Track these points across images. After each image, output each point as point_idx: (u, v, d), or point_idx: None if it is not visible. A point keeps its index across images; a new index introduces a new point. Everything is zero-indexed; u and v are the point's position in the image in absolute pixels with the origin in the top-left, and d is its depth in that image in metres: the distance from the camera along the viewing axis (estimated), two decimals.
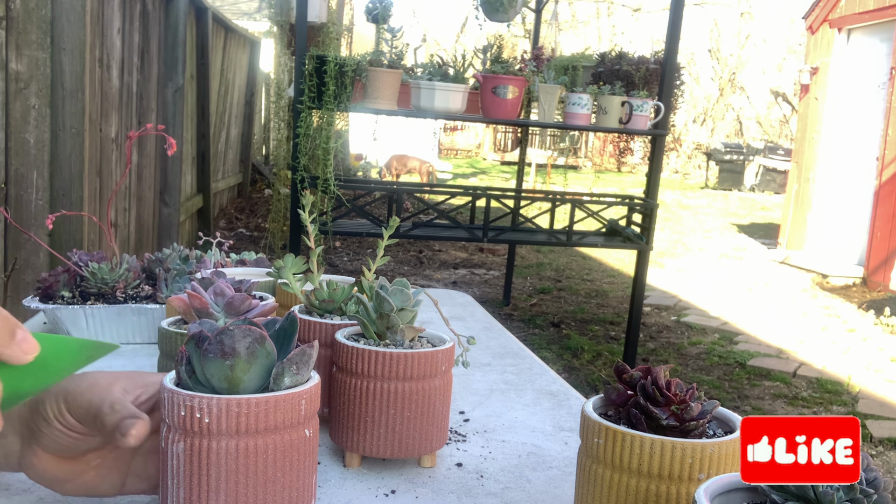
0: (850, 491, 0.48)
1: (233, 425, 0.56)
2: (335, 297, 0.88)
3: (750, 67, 18.30)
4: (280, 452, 0.59)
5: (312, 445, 0.62)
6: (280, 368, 0.59)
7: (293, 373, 0.60)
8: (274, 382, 0.60)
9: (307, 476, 0.61)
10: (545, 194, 4.09)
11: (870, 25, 7.10)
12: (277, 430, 0.58)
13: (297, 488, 0.60)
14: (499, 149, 17.72)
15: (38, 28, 2.55)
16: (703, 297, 5.92)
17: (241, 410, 0.56)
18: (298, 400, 0.59)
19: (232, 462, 0.57)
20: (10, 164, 2.58)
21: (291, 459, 0.59)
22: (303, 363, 0.60)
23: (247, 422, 0.56)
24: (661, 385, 0.62)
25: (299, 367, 0.60)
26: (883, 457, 3.19)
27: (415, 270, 6.13)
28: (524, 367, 1.20)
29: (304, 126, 3.01)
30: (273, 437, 0.58)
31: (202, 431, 0.56)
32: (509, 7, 3.57)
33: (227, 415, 0.56)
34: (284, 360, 0.60)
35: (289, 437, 0.59)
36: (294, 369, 0.60)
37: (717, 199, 12.59)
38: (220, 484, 0.57)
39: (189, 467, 0.57)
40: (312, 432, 0.62)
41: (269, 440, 0.58)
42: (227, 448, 0.57)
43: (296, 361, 0.60)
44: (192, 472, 0.57)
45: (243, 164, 8.60)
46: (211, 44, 5.90)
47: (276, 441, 0.58)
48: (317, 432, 0.63)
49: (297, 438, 0.60)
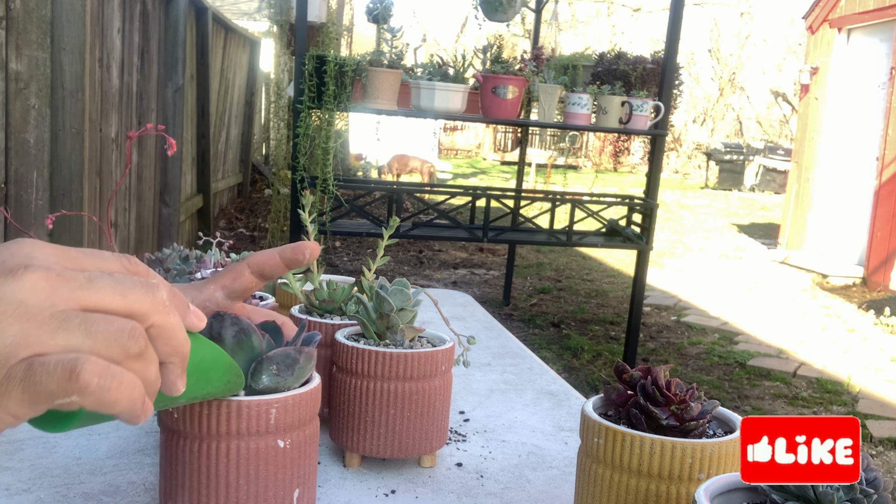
0: (850, 491, 0.48)
1: (195, 425, 0.56)
2: (335, 297, 0.88)
3: (750, 67, 18.31)
4: (244, 460, 0.57)
5: (291, 458, 0.59)
6: (258, 365, 0.57)
7: (272, 373, 0.57)
8: (251, 378, 0.57)
9: (281, 489, 0.59)
10: (545, 194, 4.08)
11: (870, 25, 7.10)
12: (241, 436, 0.56)
13: (266, 499, 0.58)
14: (499, 149, 17.72)
15: (38, 28, 2.55)
16: (703, 297, 5.92)
17: (202, 411, 0.56)
18: (266, 408, 0.57)
19: (195, 461, 0.57)
20: (10, 164, 2.58)
21: (258, 469, 0.57)
22: (285, 366, 0.57)
23: (208, 423, 0.56)
24: (661, 385, 0.62)
25: (280, 369, 0.57)
26: (883, 457, 3.19)
27: (415, 270, 6.13)
28: (524, 367, 1.19)
29: (303, 126, 3.01)
30: (237, 443, 0.57)
31: (172, 427, 0.58)
32: (508, 7, 3.57)
33: (191, 414, 0.56)
34: (263, 357, 0.57)
35: (255, 445, 0.57)
36: (274, 369, 0.57)
37: (717, 199, 12.59)
38: (185, 481, 0.58)
39: (163, 461, 0.58)
40: (291, 444, 0.59)
41: (233, 445, 0.57)
42: (191, 447, 0.57)
43: (276, 361, 0.57)
44: (164, 466, 0.59)
45: (243, 164, 8.60)
46: (211, 44, 5.90)
47: (239, 447, 0.57)
48: (304, 444, 0.60)
49: (264, 448, 0.57)
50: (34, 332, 0.34)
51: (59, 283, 0.36)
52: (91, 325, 0.35)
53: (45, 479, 0.73)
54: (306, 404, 0.59)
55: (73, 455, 0.78)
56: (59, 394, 0.33)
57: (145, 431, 0.85)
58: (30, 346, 0.34)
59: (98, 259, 0.39)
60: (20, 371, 0.33)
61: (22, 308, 0.34)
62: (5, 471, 0.74)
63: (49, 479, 0.73)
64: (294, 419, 0.58)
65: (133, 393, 0.35)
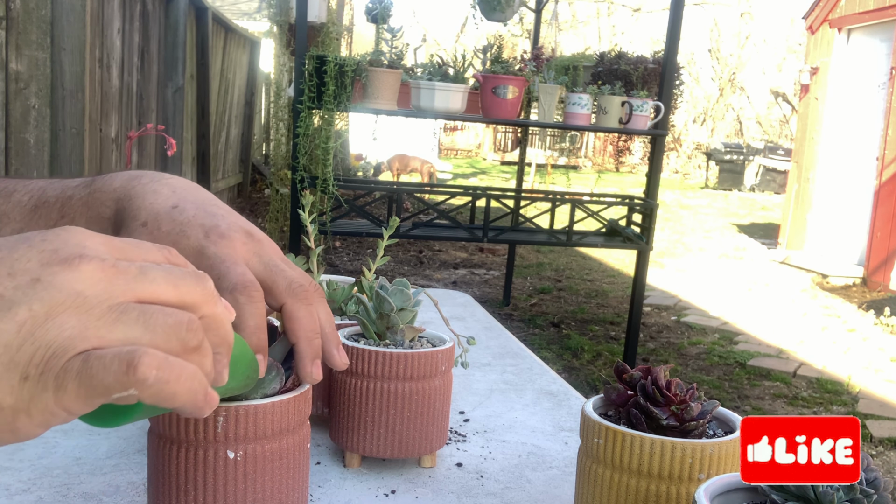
0: (850, 491, 0.48)
1: (182, 431, 0.56)
2: (335, 297, 0.88)
3: (750, 67, 18.31)
4: (187, 463, 0.55)
5: (241, 472, 0.56)
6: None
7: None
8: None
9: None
10: (545, 194, 4.09)
11: (870, 25, 7.10)
12: (181, 441, 0.55)
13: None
14: (499, 149, 17.72)
15: (38, 28, 2.55)
16: (703, 297, 5.92)
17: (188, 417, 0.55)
18: (214, 416, 0.54)
19: (152, 457, 0.58)
20: (10, 164, 2.58)
21: (196, 476, 0.55)
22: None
23: (195, 429, 0.55)
24: (661, 385, 0.62)
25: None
26: (883, 457, 3.19)
27: (415, 270, 6.13)
28: (524, 367, 1.19)
29: (303, 126, 3.01)
30: (176, 447, 0.56)
31: (158, 432, 0.58)
32: (506, 6, 3.57)
33: (178, 419, 0.56)
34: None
35: (194, 453, 0.55)
36: None
37: (717, 199, 12.59)
38: (152, 476, 0.58)
39: (151, 467, 0.59)
40: (243, 456, 0.55)
41: (175, 448, 0.56)
42: (152, 444, 0.58)
43: None
44: (151, 472, 0.59)
45: (243, 164, 8.61)
46: (211, 44, 5.90)
47: (178, 452, 0.55)
48: (264, 459, 0.56)
49: (210, 456, 0.55)
50: (93, 325, 0.33)
51: (115, 274, 0.35)
52: (150, 317, 0.34)
53: (45, 479, 0.73)
54: (263, 417, 0.56)
55: (73, 455, 0.78)
56: (117, 387, 0.32)
57: (145, 431, 0.85)
58: (88, 340, 0.33)
59: (143, 250, 0.38)
60: (76, 364, 0.32)
61: (80, 299, 0.33)
62: (5, 471, 0.74)
63: (49, 479, 0.73)
64: (240, 431, 0.55)
65: (193, 384, 0.35)
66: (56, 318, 0.33)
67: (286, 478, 0.58)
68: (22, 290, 0.32)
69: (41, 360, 0.32)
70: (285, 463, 0.58)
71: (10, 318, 0.32)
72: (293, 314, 0.51)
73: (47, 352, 0.32)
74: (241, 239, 0.53)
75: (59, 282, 0.33)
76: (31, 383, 0.32)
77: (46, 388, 0.32)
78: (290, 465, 0.58)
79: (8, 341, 0.32)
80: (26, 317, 0.32)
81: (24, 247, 0.34)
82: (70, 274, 0.34)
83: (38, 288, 0.33)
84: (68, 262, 0.34)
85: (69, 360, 0.32)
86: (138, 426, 0.86)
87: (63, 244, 0.35)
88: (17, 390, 0.32)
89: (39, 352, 0.32)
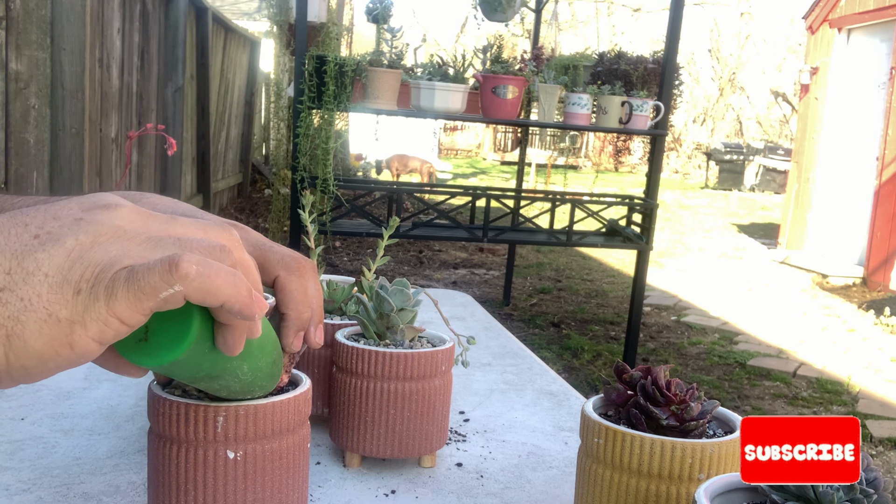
0: (850, 491, 0.48)
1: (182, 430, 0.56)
2: (335, 297, 0.88)
3: (750, 67, 18.31)
4: (186, 463, 0.55)
5: (241, 472, 0.56)
6: None
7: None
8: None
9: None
10: (545, 194, 4.08)
11: (870, 25, 7.10)
12: (181, 441, 0.55)
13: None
14: (499, 149, 17.72)
15: (38, 28, 2.55)
16: (703, 297, 5.92)
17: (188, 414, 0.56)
18: (214, 415, 0.54)
19: (152, 457, 0.58)
20: (10, 164, 2.58)
21: (196, 476, 0.55)
22: None
23: (195, 428, 0.55)
24: (661, 385, 0.62)
25: None
26: (883, 457, 3.19)
27: (415, 270, 6.13)
28: (524, 367, 1.19)
29: (304, 126, 3.01)
30: (176, 447, 0.55)
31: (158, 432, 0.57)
32: (508, 7, 3.57)
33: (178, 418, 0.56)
34: None
35: (194, 452, 0.55)
36: None
37: (717, 199, 12.59)
38: (152, 476, 0.59)
39: (151, 467, 0.59)
40: (243, 456, 0.55)
41: (175, 448, 0.56)
42: (152, 443, 0.58)
43: None
44: (151, 472, 0.59)
45: (243, 164, 8.61)
46: (211, 44, 5.90)
47: (178, 452, 0.55)
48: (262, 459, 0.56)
49: (210, 456, 0.55)
50: (135, 249, 0.37)
51: (149, 216, 0.40)
52: (185, 242, 0.38)
53: (45, 479, 0.73)
54: (263, 417, 0.55)
55: (73, 455, 0.78)
56: (162, 286, 0.35)
57: (145, 431, 0.85)
58: (131, 258, 0.37)
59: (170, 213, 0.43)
60: (124, 274, 0.36)
61: (121, 231, 0.38)
62: (5, 471, 0.74)
63: (49, 479, 0.73)
64: (247, 432, 0.55)
65: (235, 279, 0.38)
66: (101, 245, 0.37)
67: (286, 478, 0.58)
68: (68, 226, 0.37)
69: (91, 276, 0.36)
70: (285, 463, 0.58)
71: (60, 246, 0.36)
72: (285, 286, 0.52)
73: (96, 268, 0.36)
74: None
75: (101, 219, 0.38)
76: (83, 296, 0.36)
77: (98, 297, 0.36)
78: (290, 465, 0.58)
79: (59, 264, 0.36)
80: (74, 244, 0.36)
81: (65, 201, 0.39)
82: (110, 213, 0.38)
83: (82, 224, 0.37)
84: (107, 206, 0.39)
85: (117, 272, 0.36)
86: (138, 426, 0.86)
87: (101, 198, 0.40)
88: (72, 303, 0.35)
89: (90, 269, 0.36)
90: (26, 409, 0.89)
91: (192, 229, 0.40)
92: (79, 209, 0.38)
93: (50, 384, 0.96)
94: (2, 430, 0.83)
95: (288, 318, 0.53)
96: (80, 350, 0.36)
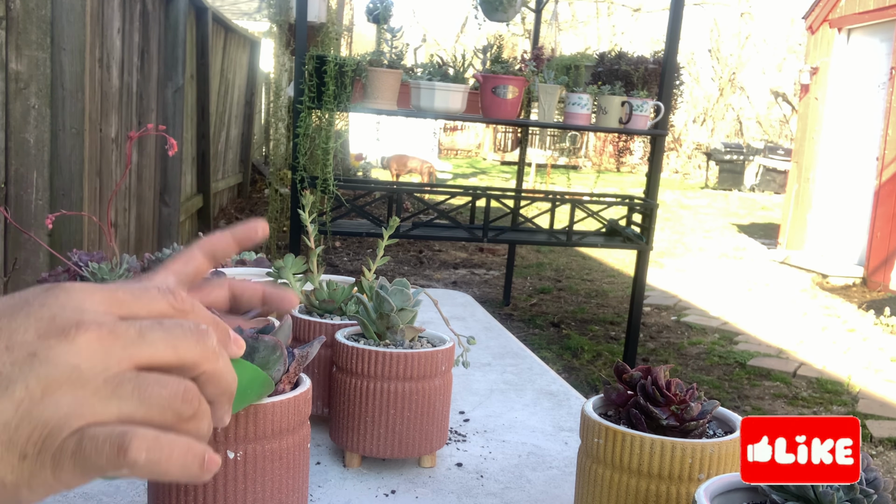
0: (850, 491, 0.48)
1: None
2: (335, 297, 0.88)
3: (750, 67, 18.31)
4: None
5: (241, 472, 0.56)
6: None
7: None
8: None
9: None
10: (545, 194, 4.08)
11: (870, 25, 7.10)
12: None
13: None
14: (499, 149, 17.72)
15: (38, 28, 2.55)
16: (703, 297, 5.92)
17: None
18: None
19: None
20: (10, 164, 2.58)
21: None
22: None
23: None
24: (661, 385, 0.62)
25: None
26: (883, 457, 3.19)
27: (415, 270, 6.13)
28: (524, 367, 1.19)
29: (303, 126, 3.01)
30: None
31: None
32: (508, 7, 3.57)
33: None
34: None
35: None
36: None
37: (717, 199, 12.59)
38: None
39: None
40: (244, 456, 0.55)
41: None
42: None
43: None
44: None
45: (243, 164, 8.61)
46: (211, 44, 5.90)
47: None
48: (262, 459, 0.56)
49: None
50: (88, 401, 0.34)
51: (112, 341, 0.35)
52: (144, 390, 0.35)
53: None
54: (263, 417, 0.55)
55: None
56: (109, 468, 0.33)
57: None
58: (83, 417, 0.33)
59: (146, 301, 0.38)
60: (71, 444, 0.33)
61: (76, 374, 0.34)
62: None
63: None
64: (247, 432, 0.55)
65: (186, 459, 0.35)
66: (52, 396, 0.33)
67: (286, 478, 0.58)
68: (19, 367, 0.33)
69: (38, 439, 0.33)
70: (285, 463, 0.58)
71: (8, 396, 0.33)
72: (235, 287, 0.52)
73: (44, 431, 0.33)
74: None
75: (55, 356, 0.34)
76: (29, 462, 0.33)
77: (44, 465, 0.33)
78: (290, 465, 0.58)
79: (6, 420, 0.33)
80: (23, 395, 0.33)
81: (23, 315, 0.35)
82: (66, 346, 0.34)
83: (34, 364, 0.33)
84: (66, 333, 0.34)
85: (65, 440, 0.33)
86: None
87: (61, 309, 0.35)
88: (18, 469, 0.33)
89: (36, 431, 0.33)
90: None
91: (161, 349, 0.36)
92: (35, 334, 0.34)
93: None
94: None
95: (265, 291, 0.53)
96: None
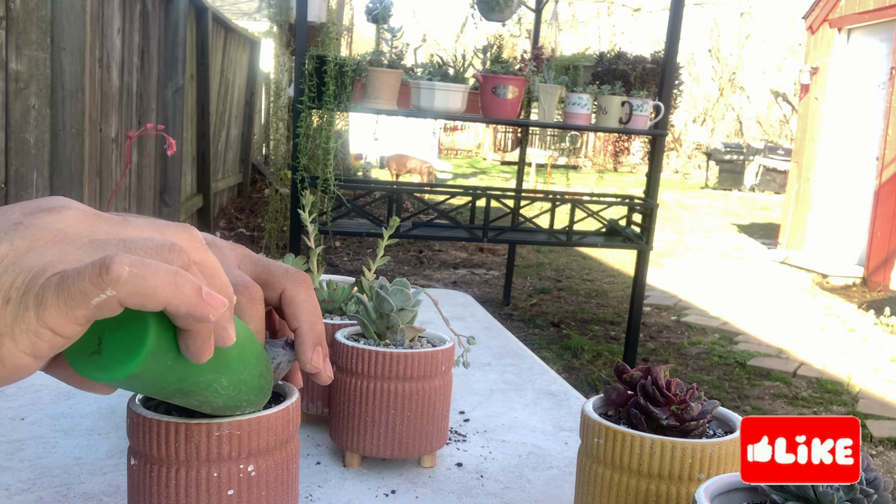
0: (850, 491, 0.48)
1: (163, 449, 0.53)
2: (335, 297, 0.88)
3: (750, 67, 18.31)
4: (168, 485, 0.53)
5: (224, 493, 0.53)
6: None
7: None
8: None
9: None
10: (545, 194, 4.08)
11: (870, 25, 7.10)
12: (161, 461, 0.52)
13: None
14: (499, 149, 17.71)
15: (38, 28, 2.55)
16: (703, 296, 5.92)
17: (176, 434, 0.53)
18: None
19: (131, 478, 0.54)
20: (10, 164, 2.58)
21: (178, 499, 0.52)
22: None
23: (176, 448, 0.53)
24: (661, 385, 0.62)
25: None
26: (883, 457, 3.19)
27: (415, 270, 6.13)
28: (524, 367, 1.19)
29: (304, 126, 3.01)
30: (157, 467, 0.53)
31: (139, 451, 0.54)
32: (505, 6, 3.57)
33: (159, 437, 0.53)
34: None
35: (175, 473, 0.52)
36: None
37: (717, 199, 12.59)
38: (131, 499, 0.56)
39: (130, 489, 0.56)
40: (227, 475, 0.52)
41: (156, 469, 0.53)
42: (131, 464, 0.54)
43: None
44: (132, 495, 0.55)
45: (243, 164, 8.61)
46: (211, 44, 5.90)
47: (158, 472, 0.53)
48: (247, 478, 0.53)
49: (192, 477, 0.52)
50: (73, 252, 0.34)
51: (98, 218, 0.36)
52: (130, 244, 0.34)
53: (45, 479, 0.73)
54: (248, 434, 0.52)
55: (73, 455, 0.78)
56: (92, 290, 0.32)
57: None
58: (67, 262, 0.33)
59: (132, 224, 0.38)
60: (55, 279, 0.32)
61: (61, 235, 0.34)
62: (5, 471, 0.74)
63: (49, 479, 0.73)
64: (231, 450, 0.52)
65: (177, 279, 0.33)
66: (37, 250, 0.34)
67: (273, 497, 0.55)
68: (4, 232, 0.34)
69: (22, 283, 0.33)
70: (273, 480, 0.54)
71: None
72: (294, 298, 0.49)
73: (28, 275, 0.33)
74: (228, 245, 0.53)
75: (41, 222, 0.34)
76: (12, 305, 0.32)
77: (28, 306, 0.32)
78: (277, 482, 0.55)
79: None
80: (7, 250, 0.33)
81: (10, 206, 0.36)
82: (54, 216, 0.35)
83: (20, 229, 0.34)
84: (52, 209, 0.35)
85: (48, 278, 0.32)
86: None
87: (47, 201, 0.36)
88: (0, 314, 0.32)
89: (20, 276, 0.33)
90: (26, 408, 0.89)
91: (146, 230, 0.36)
92: (21, 213, 0.35)
93: (50, 384, 0.96)
94: (2, 430, 0.83)
95: (301, 331, 0.49)
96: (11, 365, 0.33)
